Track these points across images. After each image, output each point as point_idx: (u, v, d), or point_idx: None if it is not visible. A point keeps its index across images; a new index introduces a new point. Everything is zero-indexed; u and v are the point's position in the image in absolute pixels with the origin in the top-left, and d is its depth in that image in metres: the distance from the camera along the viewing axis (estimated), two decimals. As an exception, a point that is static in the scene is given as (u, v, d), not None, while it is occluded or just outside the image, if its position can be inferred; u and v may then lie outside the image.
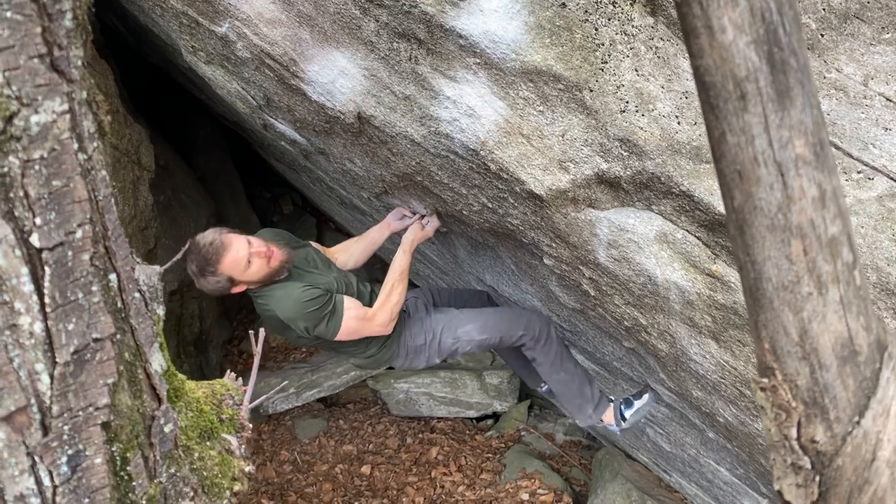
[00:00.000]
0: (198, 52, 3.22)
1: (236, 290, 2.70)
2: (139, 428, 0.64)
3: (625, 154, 2.03)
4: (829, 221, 0.62)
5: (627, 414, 3.32)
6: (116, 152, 3.87)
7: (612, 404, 3.35)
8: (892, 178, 1.82)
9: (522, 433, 6.72)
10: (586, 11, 1.97)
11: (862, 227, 1.81)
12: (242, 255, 2.58)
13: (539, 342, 3.13)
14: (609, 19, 1.97)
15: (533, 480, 6.09)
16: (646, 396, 3.37)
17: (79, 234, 0.54)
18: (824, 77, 1.92)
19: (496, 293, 3.80)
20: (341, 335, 2.72)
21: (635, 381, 3.40)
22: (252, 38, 2.62)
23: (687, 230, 2.11)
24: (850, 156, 1.86)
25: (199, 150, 7.66)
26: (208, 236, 2.65)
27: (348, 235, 5.61)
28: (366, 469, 6.31)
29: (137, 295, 0.66)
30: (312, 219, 8.52)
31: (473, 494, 6.06)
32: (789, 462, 0.73)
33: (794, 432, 0.72)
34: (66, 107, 0.51)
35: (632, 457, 5.81)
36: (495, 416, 6.91)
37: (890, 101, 1.88)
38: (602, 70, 1.99)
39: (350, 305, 2.74)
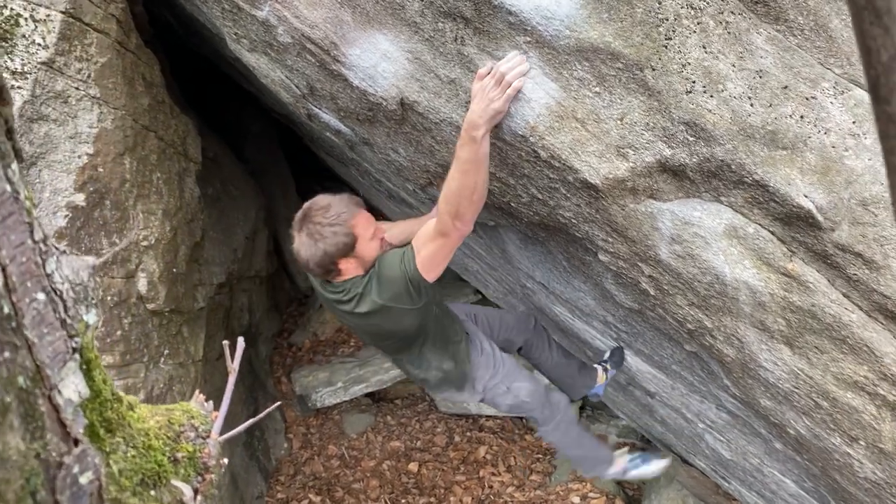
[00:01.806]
0: (241, 39, 3.14)
1: (344, 263, 2.45)
2: (37, 481, 0.48)
3: (691, 139, 1.83)
4: None
5: (635, 471, 3.74)
6: (162, 143, 3.83)
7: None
8: None
9: (574, 434, 6.53)
10: None
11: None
12: (372, 222, 2.47)
13: (561, 423, 3.40)
14: (674, -10, 1.78)
15: (584, 483, 5.91)
16: (664, 462, 3.83)
17: None
18: (921, 51, 1.70)
19: (546, 291, 3.63)
20: (421, 253, 2.34)
21: (696, 387, 3.19)
22: (292, 21, 2.51)
23: (760, 224, 1.90)
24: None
25: (251, 143, 7.67)
26: (338, 195, 2.51)
27: (397, 229, 5.51)
28: (413, 466, 6.22)
29: (41, 297, 0.51)
30: (362, 212, 8.46)
31: (522, 496, 5.91)
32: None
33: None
34: None
35: (688, 462, 5.56)
36: (546, 416, 6.73)
37: None
38: (666, 47, 1.80)
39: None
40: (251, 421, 0.91)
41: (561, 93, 1.97)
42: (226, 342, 0.88)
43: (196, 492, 0.71)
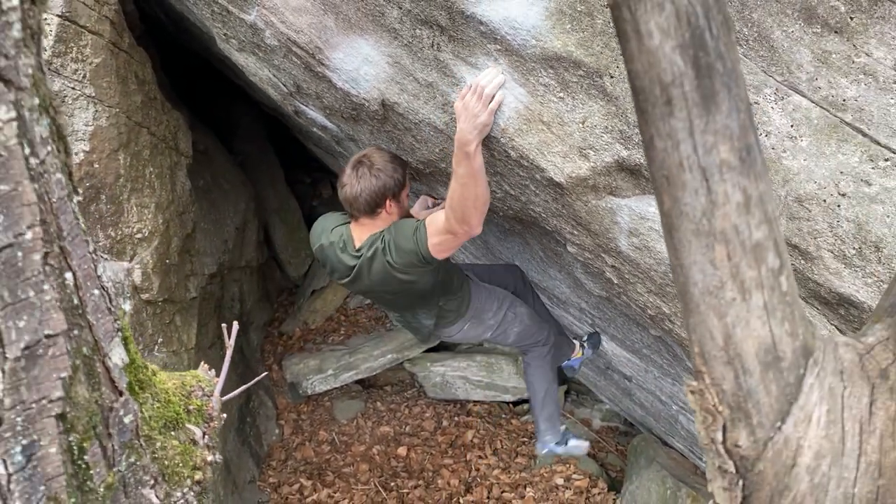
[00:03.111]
0: (230, 39, 3.27)
1: (389, 204, 2.67)
2: (97, 419, 0.67)
3: (645, 141, 2.00)
4: (753, 227, 0.61)
5: (571, 442, 3.90)
6: (154, 138, 3.96)
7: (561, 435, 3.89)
8: (922, 166, 1.76)
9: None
10: None
11: (888, 216, 1.75)
12: (409, 182, 2.76)
13: (551, 350, 3.61)
14: (629, 4, 1.93)
15: (568, 465, 6.10)
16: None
17: (28, 235, 0.56)
18: (853, 62, 1.86)
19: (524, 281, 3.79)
20: (432, 239, 2.49)
21: (665, 369, 3.37)
22: (279, 25, 2.65)
23: (710, 218, 2.07)
24: (877, 143, 1.80)
25: (240, 136, 7.78)
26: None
27: (384, 220, 5.65)
28: (402, 450, 6.40)
29: (97, 292, 0.69)
30: (351, 203, 8.58)
31: (508, 478, 6.10)
32: (717, 465, 0.72)
33: (719, 436, 0.71)
34: (13, 114, 0.53)
35: (668, 443, 5.76)
36: (531, 401, 6.91)
37: (922, 85, 1.81)
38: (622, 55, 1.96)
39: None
40: (246, 386, 1.10)
41: (529, 97, 2.13)
42: (224, 325, 1.06)
43: (203, 434, 0.91)
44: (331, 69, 2.63)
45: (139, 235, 3.74)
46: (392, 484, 6.07)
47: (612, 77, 1.98)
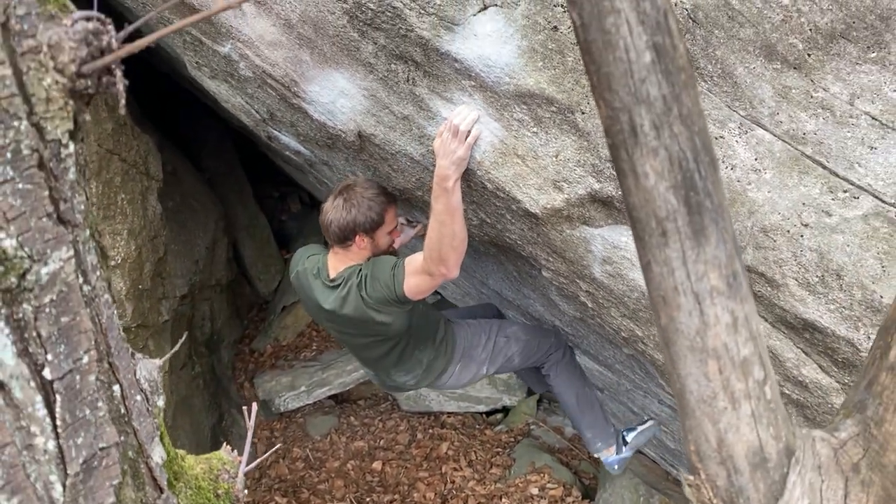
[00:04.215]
0: (202, 67, 3.28)
1: (360, 239, 2.65)
2: None
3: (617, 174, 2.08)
4: (741, 344, 0.68)
5: (630, 437, 3.46)
6: (125, 164, 3.95)
7: (614, 437, 3.54)
8: (877, 197, 1.87)
9: (532, 427, 6.78)
10: (569, 11, 2.00)
11: (848, 246, 1.85)
12: (396, 220, 2.75)
13: (565, 354, 3.37)
14: (599, 43, 2.01)
15: (542, 475, 6.16)
16: (649, 423, 3.51)
17: (85, 359, 0.60)
18: (811, 96, 1.96)
19: (500, 297, 3.86)
20: (409, 279, 2.53)
21: (637, 385, 3.46)
22: (254, 59, 2.68)
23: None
24: (836, 175, 1.90)
25: (208, 153, 7.74)
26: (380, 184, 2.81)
27: (355, 237, 5.67)
28: (377, 465, 6.41)
29: (139, 398, 0.73)
30: (321, 217, 8.59)
31: (484, 489, 6.15)
32: (712, 554, 0.78)
33: (713, 528, 0.77)
34: (71, 252, 0.57)
35: (640, 451, 5.87)
36: (505, 411, 6.98)
37: (875, 119, 1.92)
38: (585, 72, 2.04)
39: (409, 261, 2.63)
40: (261, 459, 1.14)
41: (503, 132, 2.20)
42: (245, 407, 1.11)
43: (233, 514, 0.95)
44: (307, 101, 2.67)
45: (112, 263, 3.72)
46: (368, 499, 6.09)
47: (583, 113, 2.06)
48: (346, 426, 6.83)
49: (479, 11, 2.06)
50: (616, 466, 3.59)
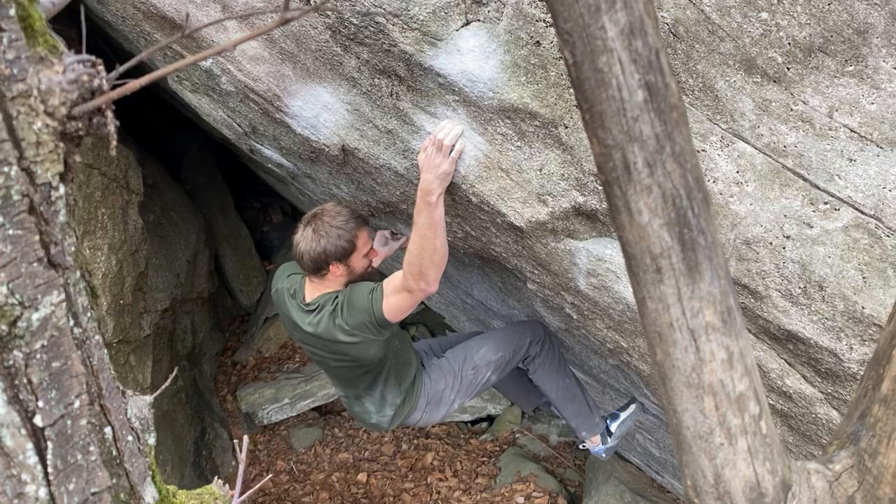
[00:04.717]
0: (183, 81, 3.26)
1: (335, 268, 2.62)
2: None
3: (600, 188, 2.09)
4: (736, 380, 0.69)
5: (613, 426, 3.41)
6: (105, 179, 3.91)
7: (599, 425, 3.47)
8: (857, 209, 1.89)
9: (517, 435, 6.78)
10: (560, 49, 2.02)
11: (829, 257, 1.87)
12: (369, 242, 2.68)
13: (544, 346, 3.23)
14: (582, 59, 2.02)
15: (528, 483, 6.16)
16: (631, 407, 3.48)
17: (76, 404, 0.60)
18: (791, 109, 1.98)
19: (485, 308, 3.86)
20: (388, 299, 2.51)
21: (622, 393, 3.47)
22: (236, 73, 2.66)
23: (663, 258, 2.17)
24: (816, 187, 1.93)
25: (188, 165, 7.69)
26: (349, 207, 2.74)
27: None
28: (362, 476, 6.37)
29: (130, 438, 0.72)
30: (302, 228, 8.54)
31: (469, 499, 6.13)
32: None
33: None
34: (62, 296, 0.57)
35: (625, 458, 5.89)
36: (489, 420, 6.97)
37: (854, 132, 1.95)
38: (576, 107, 2.05)
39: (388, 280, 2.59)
40: (251, 490, 1.13)
41: (488, 146, 2.20)
42: (235, 440, 1.10)
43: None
44: (290, 116, 2.66)
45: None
46: (354, 511, 6.05)
47: (566, 127, 2.07)
48: (331, 438, 6.79)
49: (463, 27, 2.06)
50: (603, 455, 3.58)
